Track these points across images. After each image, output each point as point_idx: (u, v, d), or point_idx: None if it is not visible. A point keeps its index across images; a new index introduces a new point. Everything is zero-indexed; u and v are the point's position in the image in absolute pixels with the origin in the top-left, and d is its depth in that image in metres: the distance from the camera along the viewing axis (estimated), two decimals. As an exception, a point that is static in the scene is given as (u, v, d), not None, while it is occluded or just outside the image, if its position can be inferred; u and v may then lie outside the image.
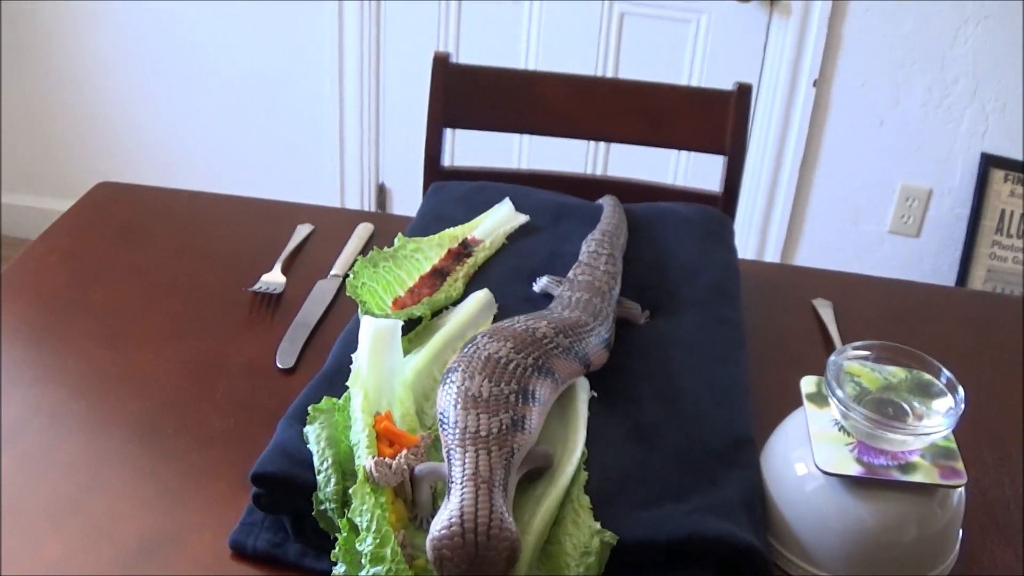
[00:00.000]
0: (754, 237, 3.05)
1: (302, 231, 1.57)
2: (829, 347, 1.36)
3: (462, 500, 0.94)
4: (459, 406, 1.01)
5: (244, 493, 1.07)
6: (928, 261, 2.99)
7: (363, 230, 1.56)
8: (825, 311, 1.45)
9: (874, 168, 2.91)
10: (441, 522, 0.93)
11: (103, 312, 1.38)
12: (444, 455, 1.00)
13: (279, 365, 1.30)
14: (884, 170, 2.92)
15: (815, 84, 2.82)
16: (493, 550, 0.91)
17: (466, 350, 1.07)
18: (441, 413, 1.02)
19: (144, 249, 1.53)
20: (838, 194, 2.98)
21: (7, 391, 1.23)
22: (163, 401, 1.24)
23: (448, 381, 1.04)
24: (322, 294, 1.42)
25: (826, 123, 2.88)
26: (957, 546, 1.08)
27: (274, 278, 1.45)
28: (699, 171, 2.90)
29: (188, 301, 1.42)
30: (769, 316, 1.43)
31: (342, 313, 1.35)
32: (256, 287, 1.43)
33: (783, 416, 1.14)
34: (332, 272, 1.47)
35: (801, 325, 1.45)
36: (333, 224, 1.61)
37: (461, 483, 0.95)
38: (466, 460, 0.97)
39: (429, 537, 0.92)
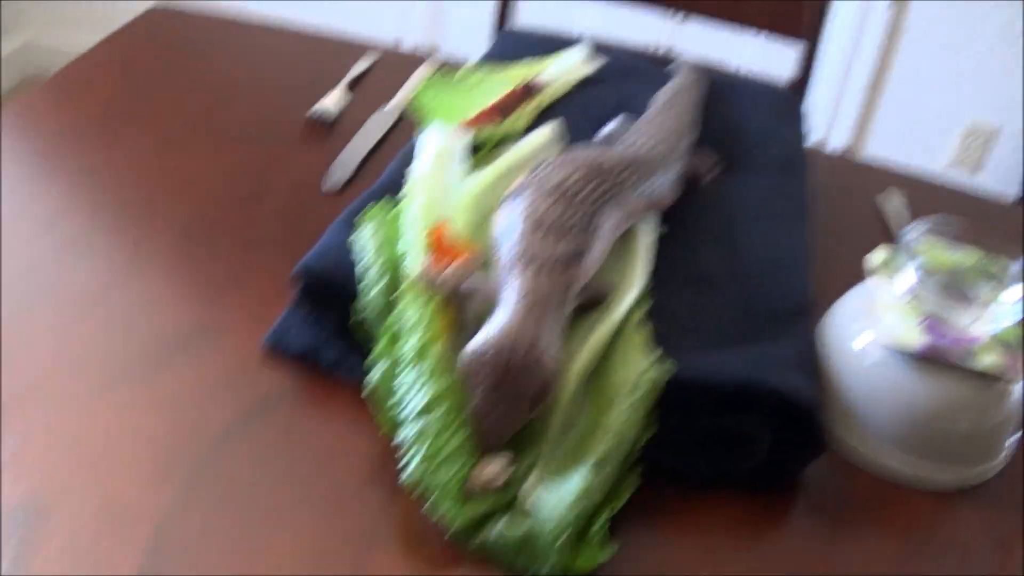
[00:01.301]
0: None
1: (362, 64, 1.52)
2: (891, 240, 1.31)
3: (509, 318, 0.89)
4: (521, 226, 0.97)
5: (284, 297, 1.04)
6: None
7: (426, 68, 1.51)
8: (892, 205, 1.40)
9: (941, 100, 2.84)
10: (481, 336, 0.89)
11: (154, 119, 1.35)
12: (498, 273, 0.96)
13: (330, 184, 1.26)
14: (951, 103, 2.84)
15: (890, 6, 2.75)
16: (528, 372, 0.87)
17: (535, 173, 1.03)
18: (501, 231, 0.98)
19: (198, 67, 1.49)
20: (900, 124, 2.91)
21: (47, 183, 1.21)
22: (209, 204, 1.20)
23: (512, 201, 1.00)
24: (378, 125, 1.38)
25: (898, 47, 2.81)
26: (1010, 445, 1.04)
27: (332, 104, 1.40)
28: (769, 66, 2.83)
29: (241, 118, 1.38)
30: (834, 205, 1.37)
31: (398, 145, 1.30)
32: (311, 112, 1.39)
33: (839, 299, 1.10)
34: (391, 104, 1.43)
35: (865, 217, 1.39)
36: (395, 60, 1.56)
37: (512, 301, 0.91)
38: (520, 279, 0.92)
39: (465, 349, 0.88)
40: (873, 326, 1.01)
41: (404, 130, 1.38)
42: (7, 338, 0.99)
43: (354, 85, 1.49)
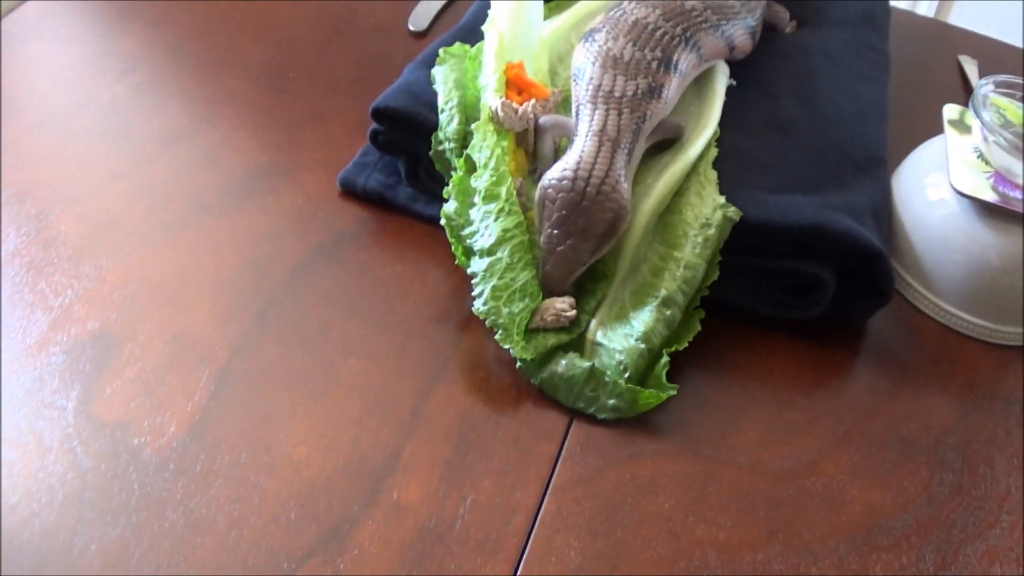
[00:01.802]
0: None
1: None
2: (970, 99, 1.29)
3: (583, 151, 0.90)
4: (597, 63, 0.96)
5: (361, 137, 1.05)
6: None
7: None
8: (970, 68, 1.37)
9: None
10: (555, 168, 0.89)
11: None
12: (573, 111, 0.96)
13: (411, 28, 1.26)
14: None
15: None
16: (599, 206, 0.87)
17: (612, 13, 1.02)
18: (577, 69, 0.98)
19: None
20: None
21: (126, 28, 1.22)
22: (288, 48, 1.21)
23: (589, 39, 1.00)
24: (463, -32, 1.36)
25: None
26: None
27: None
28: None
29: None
30: (914, 65, 1.35)
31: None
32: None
33: (915, 156, 1.09)
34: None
35: (945, 78, 1.37)
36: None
37: (586, 137, 0.91)
38: (595, 116, 0.93)
39: (540, 182, 0.89)
40: (945, 178, 1.00)
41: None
42: (85, 176, 1.02)
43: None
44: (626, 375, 0.86)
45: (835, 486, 0.86)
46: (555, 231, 0.88)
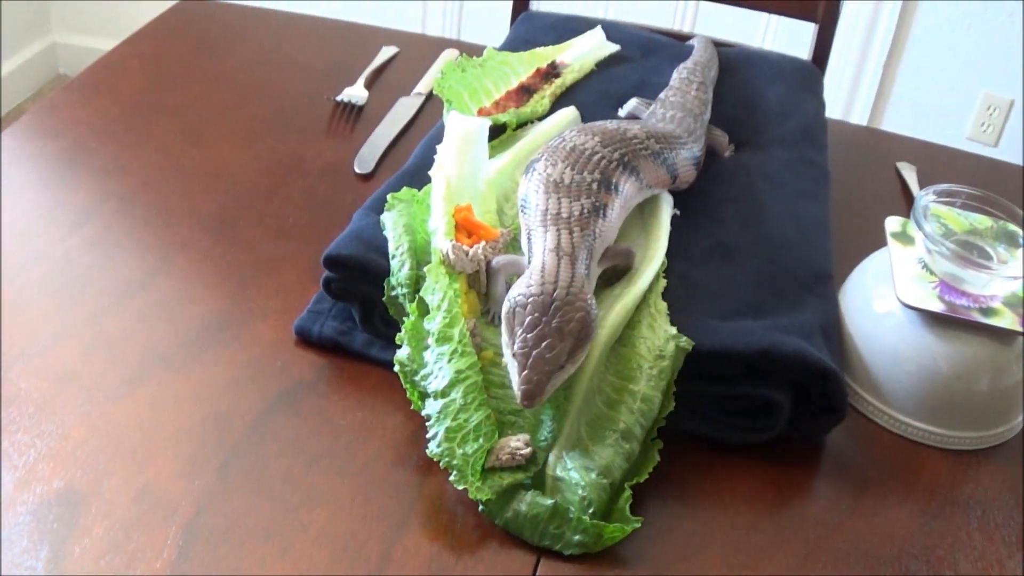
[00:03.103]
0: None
1: (387, 52, 1.53)
2: (911, 208, 1.31)
3: (543, 265, 0.92)
4: (540, 190, 0.99)
5: (313, 283, 1.06)
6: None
7: (449, 54, 1.52)
8: (909, 174, 1.41)
9: (957, 73, 2.82)
10: (519, 284, 0.91)
11: (182, 112, 1.37)
12: (524, 240, 0.98)
13: (357, 170, 1.28)
14: (967, 76, 2.82)
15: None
16: (569, 305, 0.89)
17: (551, 142, 1.05)
18: (523, 199, 1.00)
19: (226, 59, 1.51)
20: (918, 97, 2.89)
21: (77, 179, 1.23)
22: (238, 195, 1.22)
23: (530, 170, 1.02)
24: (404, 109, 1.40)
25: (912, 23, 2.78)
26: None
27: (357, 91, 1.42)
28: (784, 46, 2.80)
29: (269, 106, 1.40)
30: (853, 175, 1.39)
31: (424, 128, 1.33)
32: (339, 97, 1.41)
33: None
34: (416, 90, 1.44)
35: (884, 186, 1.40)
36: (418, 48, 1.58)
37: (543, 254, 0.93)
38: (547, 236, 0.95)
39: (505, 299, 0.90)
40: (892, 291, 1.02)
41: (431, 113, 1.40)
42: (41, 333, 1.01)
43: (380, 72, 1.51)
44: (590, 511, 0.86)
45: (803, 609, 0.85)
46: (529, 335, 0.88)
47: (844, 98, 2.95)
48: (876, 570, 0.89)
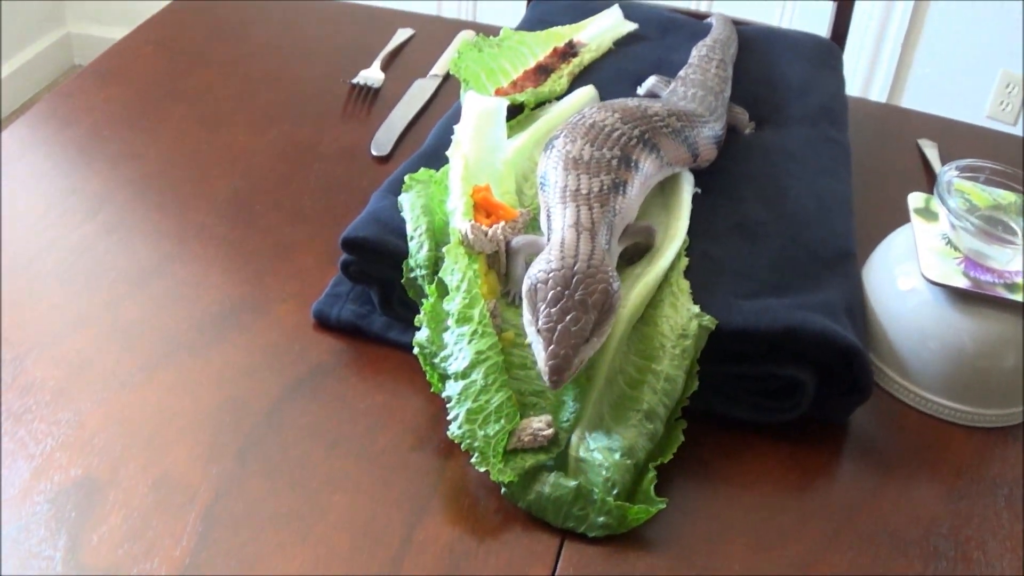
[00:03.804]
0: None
1: (402, 34, 1.52)
2: (933, 185, 1.30)
3: (563, 241, 0.91)
4: (559, 167, 0.98)
5: (332, 267, 1.05)
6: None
7: (465, 35, 1.51)
8: (930, 151, 1.39)
9: (976, 51, 2.80)
10: (539, 260, 0.90)
11: (197, 98, 1.36)
12: (543, 218, 0.97)
13: (374, 153, 1.27)
14: (986, 54, 2.80)
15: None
16: (591, 278, 0.87)
17: (571, 119, 1.04)
18: (542, 177, 1.00)
19: (241, 44, 1.50)
20: (936, 76, 2.87)
21: (91, 166, 1.22)
22: (255, 180, 1.21)
23: (549, 147, 1.02)
24: (421, 91, 1.39)
25: (930, 1, 2.77)
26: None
27: (373, 74, 1.41)
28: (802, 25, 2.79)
29: (285, 91, 1.39)
30: (874, 153, 1.37)
31: (440, 110, 1.31)
32: (355, 80, 1.40)
33: (883, 247, 1.10)
34: (432, 72, 1.43)
35: (906, 163, 1.38)
36: (434, 29, 1.57)
37: (562, 231, 0.92)
38: (567, 212, 0.94)
39: (525, 277, 0.89)
40: (916, 267, 1.01)
41: (448, 95, 1.39)
42: (58, 319, 1.01)
43: (396, 54, 1.50)
44: (614, 492, 0.85)
45: (830, 590, 0.84)
46: (552, 309, 0.87)
47: (863, 76, 2.94)
48: (903, 551, 0.88)
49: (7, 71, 3.26)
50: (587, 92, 1.22)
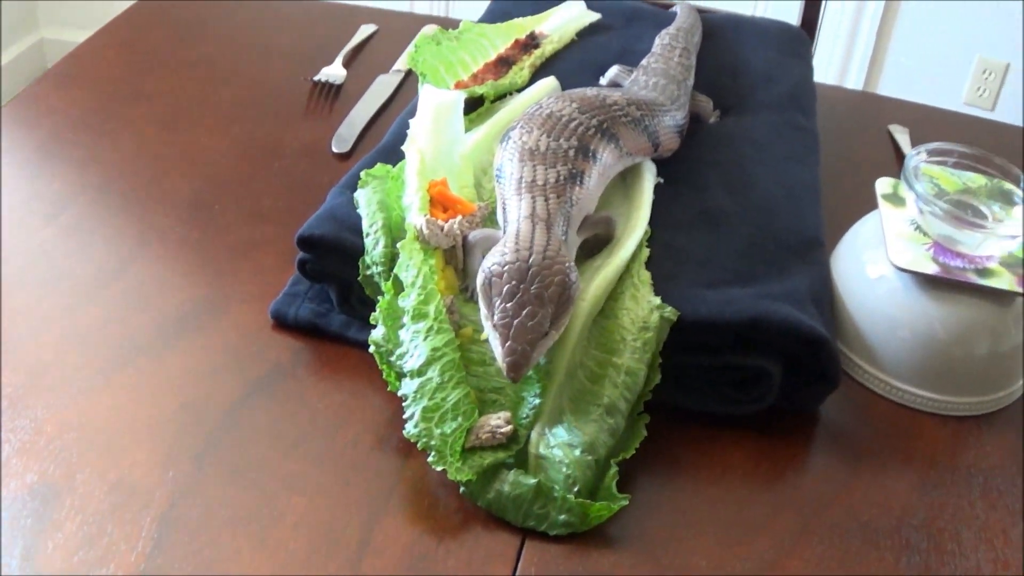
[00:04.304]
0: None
1: (365, 30, 1.51)
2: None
3: (518, 232, 0.89)
4: (515, 158, 0.96)
5: (291, 267, 1.03)
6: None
7: (427, 30, 1.49)
8: (901, 137, 1.38)
9: (952, 38, 2.79)
10: (493, 252, 0.88)
11: (159, 99, 1.34)
12: (500, 211, 0.95)
13: (335, 150, 1.25)
14: (962, 41, 2.79)
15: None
16: (547, 270, 0.86)
17: (528, 111, 1.03)
18: (498, 169, 0.98)
19: (202, 45, 1.48)
20: (912, 63, 2.86)
21: (53, 169, 1.21)
22: (215, 180, 1.20)
23: (506, 139, 1.00)
24: (383, 87, 1.37)
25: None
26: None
27: (335, 71, 1.40)
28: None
29: (246, 89, 1.38)
30: (844, 140, 1.36)
31: (403, 106, 1.30)
32: (316, 77, 1.38)
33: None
34: (395, 68, 1.42)
35: (876, 151, 1.37)
36: (397, 25, 1.55)
37: (517, 222, 0.91)
38: (522, 204, 0.92)
39: (479, 270, 0.88)
40: (884, 254, 1.00)
41: (411, 90, 1.38)
42: (16, 325, 0.99)
43: (358, 51, 1.48)
44: (575, 489, 0.84)
45: (801, 583, 0.83)
46: (508, 304, 0.85)
47: (839, 65, 2.93)
48: (875, 544, 0.86)
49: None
50: (548, 83, 1.20)
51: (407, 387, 0.87)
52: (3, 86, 3.33)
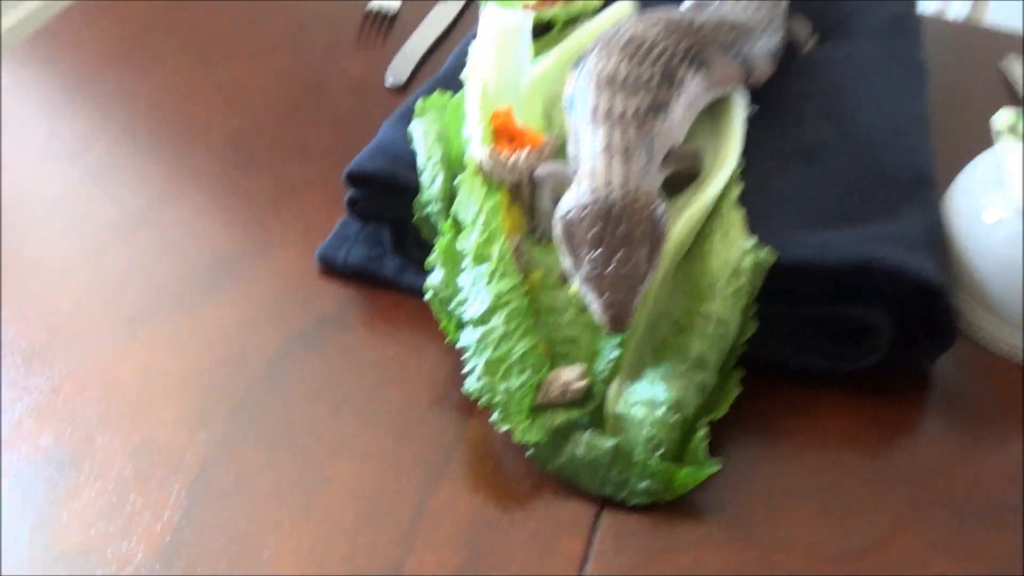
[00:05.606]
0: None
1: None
2: (1018, 103, 1.21)
3: (593, 168, 0.81)
4: (591, 87, 0.88)
5: (339, 209, 0.97)
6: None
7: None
8: (1016, 67, 1.29)
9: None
10: (568, 195, 0.80)
11: (194, 29, 1.28)
12: (571, 145, 0.87)
13: (389, 83, 1.19)
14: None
15: None
16: (632, 206, 0.78)
17: (606, 34, 0.94)
18: (570, 98, 0.90)
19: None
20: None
21: (76, 107, 1.15)
22: (256, 115, 1.14)
23: (580, 65, 0.92)
24: (442, 15, 1.30)
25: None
26: None
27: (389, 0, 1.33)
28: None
29: (289, 20, 1.31)
30: (952, 74, 1.27)
31: (463, 36, 1.23)
32: (369, 8, 1.31)
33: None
34: (454, -7, 1.35)
35: (988, 84, 1.28)
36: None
37: (591, 157, 0.82)
38: (598, 135, 0.84)
39: (555, 217, 0.80)
40: (1004, 195, 0.91)
41: (473, 18, 1.30)
42: (38, 272, 0.95)
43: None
44: (659, 452, 0.77)
45: (912, 565, 0.76)
46: (597, 251, 0.77)
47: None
48: (998, 521, 0.79)
49: (7, 23, 3.23)
50: (625, 7, 1.12)
51: (468, 337, 0.80)
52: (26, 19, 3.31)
